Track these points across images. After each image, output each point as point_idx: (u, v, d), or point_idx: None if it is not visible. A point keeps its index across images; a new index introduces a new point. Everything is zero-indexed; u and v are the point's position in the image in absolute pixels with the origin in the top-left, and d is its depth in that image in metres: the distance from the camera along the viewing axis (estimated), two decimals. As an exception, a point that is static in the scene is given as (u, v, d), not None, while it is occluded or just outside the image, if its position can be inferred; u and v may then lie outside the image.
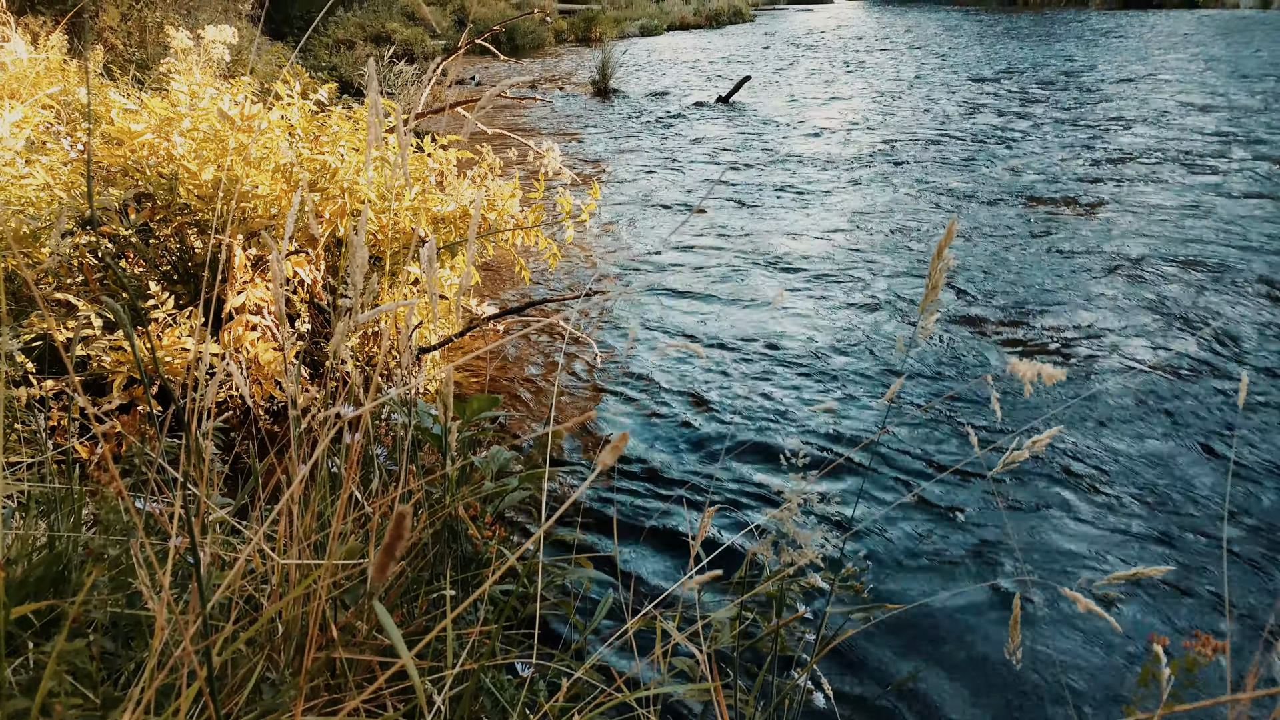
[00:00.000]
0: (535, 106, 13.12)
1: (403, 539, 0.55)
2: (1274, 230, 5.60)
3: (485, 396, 1.72)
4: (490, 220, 3.83)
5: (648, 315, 4.68)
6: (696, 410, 3.63)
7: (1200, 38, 18.69)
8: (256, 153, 3.38)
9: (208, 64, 4.36)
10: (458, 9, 27.32)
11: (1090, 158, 8.03)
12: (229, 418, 2.81)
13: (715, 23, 36.24)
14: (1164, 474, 3.05)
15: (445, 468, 1.48)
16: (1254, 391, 3.59)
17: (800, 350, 4.15)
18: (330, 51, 16.47)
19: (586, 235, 6.22)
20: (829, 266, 5.35)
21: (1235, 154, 7.85)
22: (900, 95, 12.98)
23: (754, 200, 7.14)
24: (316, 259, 3.39)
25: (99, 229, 3.15)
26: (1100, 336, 4.15)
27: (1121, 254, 5.29)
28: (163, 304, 2.86)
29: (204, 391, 1.38)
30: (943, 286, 4.65)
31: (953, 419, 3.48)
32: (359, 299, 1.33)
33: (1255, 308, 4.38)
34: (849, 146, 9.22)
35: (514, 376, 3.99)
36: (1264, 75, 12.54)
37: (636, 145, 9.91)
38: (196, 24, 8.62)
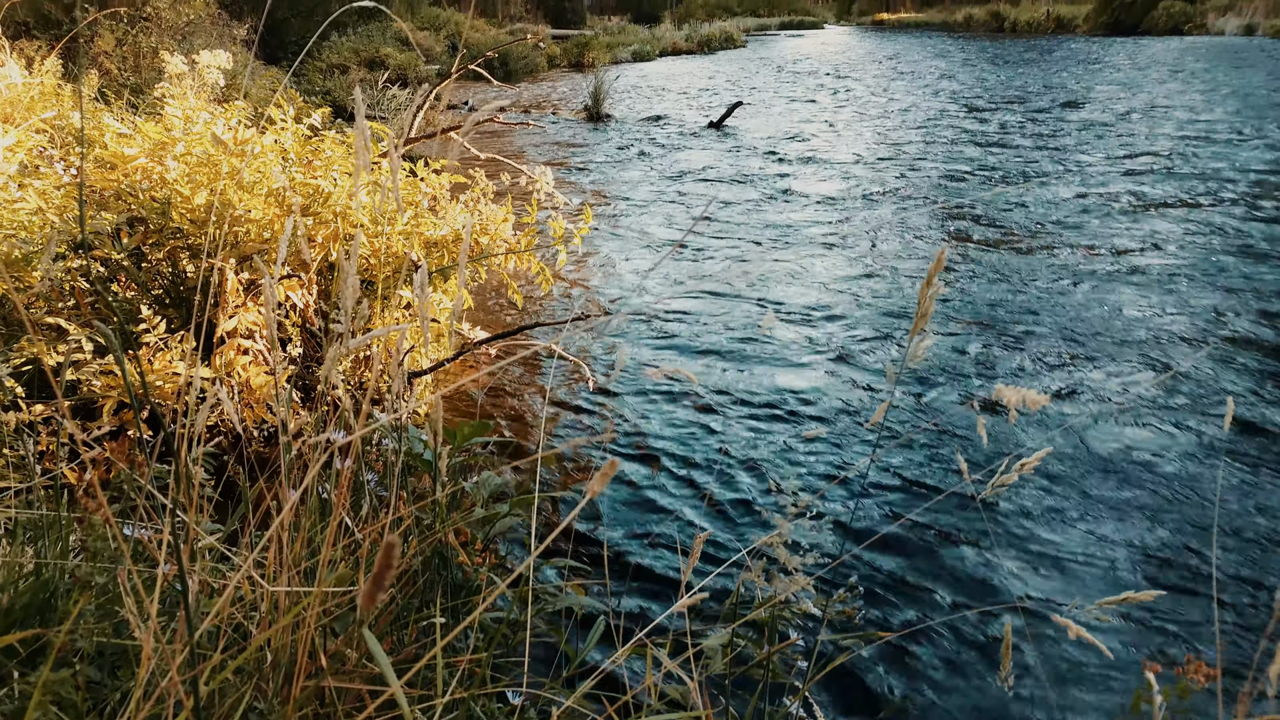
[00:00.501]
0: (528, 131, 13.19)
1: (391, 569, 0.55)
2: (1260, 257, 5.64)
3: (476, 423, 1.71)
4: (483, 244, 3.84)
5: (639, 339, 4.68)
6: (687, 432, 3.62)
7: (1188, 65, 18.91)
8: (250, 177, 3.38)
9: (202, 88, 4.37)
10: (451, 34, 27.50)
11: (1079, 185, 8.10)
12: (220, 442, 2.80)
13: (707, 48, 36.55)
14: (1152, 498, 3.05)
15: (436, 494, 1.48)
16: (1240, 417, 3.61)
17: (790, 375, 4.16)
18: (324, 76, 16.55)
19: (579, 259, 6.24)
20: (818, 292, 5.37)
21: (1224, 184, 7.93)
22: (889, 121, 13.08)
23: (744, 225, 7.17)
24: (309, 283, 3.39)
25: (91, 253, 3.15)
26: (1089, 362, 4.17)
27: (1109, 281, 5.32)
28: (154, 328, 2.86)
29: (194, 417, 1.37)
30: (933, 313, 4.67)
31: (942, 444, 3.49)
32: (350, 324, 1.33)
33: (1243, 334, 4.41)
34: (838, 171, 9.28)
35: (505, 400, 3.99)
36: (1250, 103, 12.68)
37: (629, 170, 9.96)
38: (191, 49, 8.66)
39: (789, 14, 72.06)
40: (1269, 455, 3.30)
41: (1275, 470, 3.19)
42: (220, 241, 3.18)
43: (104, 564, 1.39)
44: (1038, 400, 1.04)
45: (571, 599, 1.64)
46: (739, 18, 59.75)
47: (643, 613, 2.52)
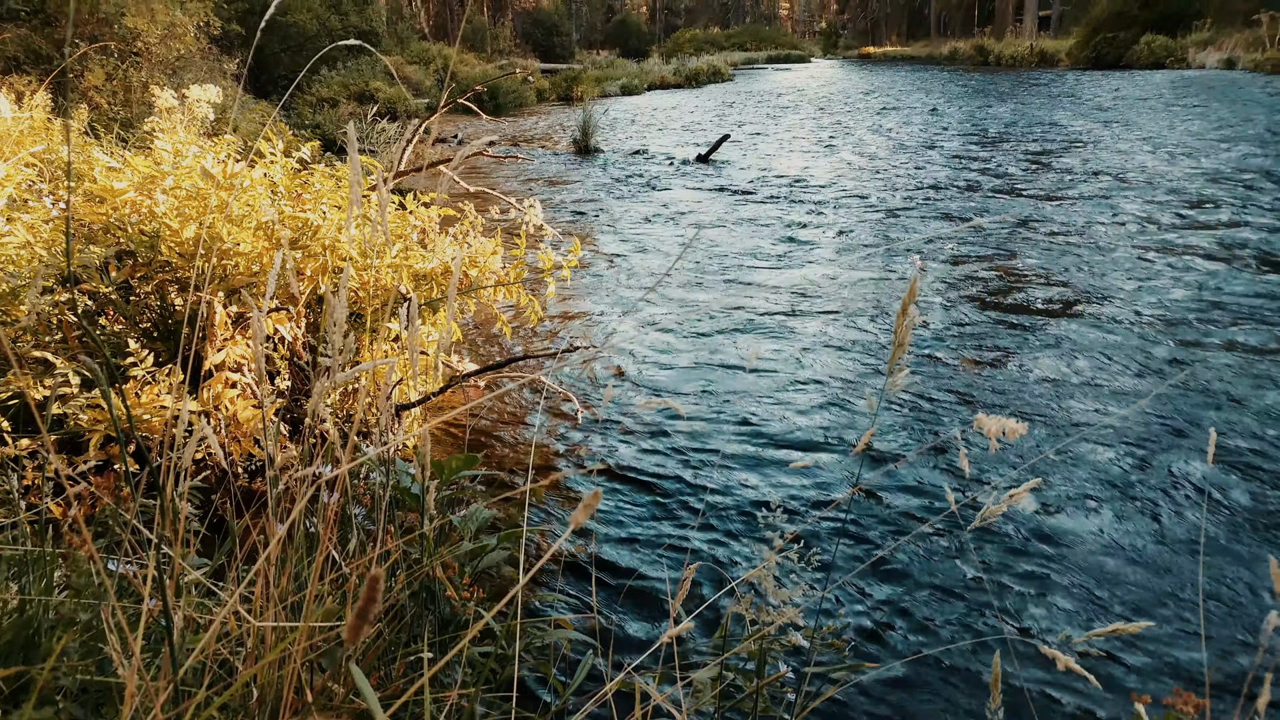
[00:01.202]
0: (517, 165, 13.27)
1: (376, 603, 0.55)
2: (1242, 286, 5.70)
3: (464, 456, 1.72)
4: (472, 277, 3.85)
5: (627, 371, 4.69)
6: (675, 465, 3.62)
7: (1170, 98, 19.19)
8: (239, 210, 3.40)
9: (192, 122, 4.40)
10: (440, 68, 27.72)
11: (1061, 214, 8.18)
12: (208, 476, 2.78)
13: (695, 82, 36.93)
14: (1138, 526, 3.06)
15: (423, 527, 1.47)
16: (1224, 446, 3.63)
17: (774, 407, 4.17)
18: (313, 109, 16.64)
19: (567, 292, 6.26)
20: (801, 323, 5.39)
21: (1207, 213, 8.02)
22: (875, 153, 13.21)
23: (731, 257, 7.21)
24: (297, 316, 3.39)
25: (79, 286, 3.15)
26: (1072, 392, 4.20)
27: (1091, 310, 5.37)
28: (142, 361, 2.85)
29: (181, 451, 1.37)
30: (911, 344, 4.67)
31: (927, 474, 3.50)
32: (338, 358, 1.34)
33: (1225, 361, 4.45)
34: (825, 203, 9.36)
35: (494, 432, 3.98)
36: (1235, 135, 12.87)
37: (617, 203, 10.02)
38: (182, 83, 8.71)
39: (776, 48, 73.03)
40: (1253, 483, 3.31)
41: (1259, 499, 3.21)
42: (209, 275, 3.19)
43: (88, 600, 1.38)
44: (1016, 429, 1.06)
45: (560, 632, 1.63)
46: (726, 52, 60.52)
47: (632, 644, 2.51)
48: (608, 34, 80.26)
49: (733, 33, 79.19)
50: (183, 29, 10.63)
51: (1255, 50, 26.89)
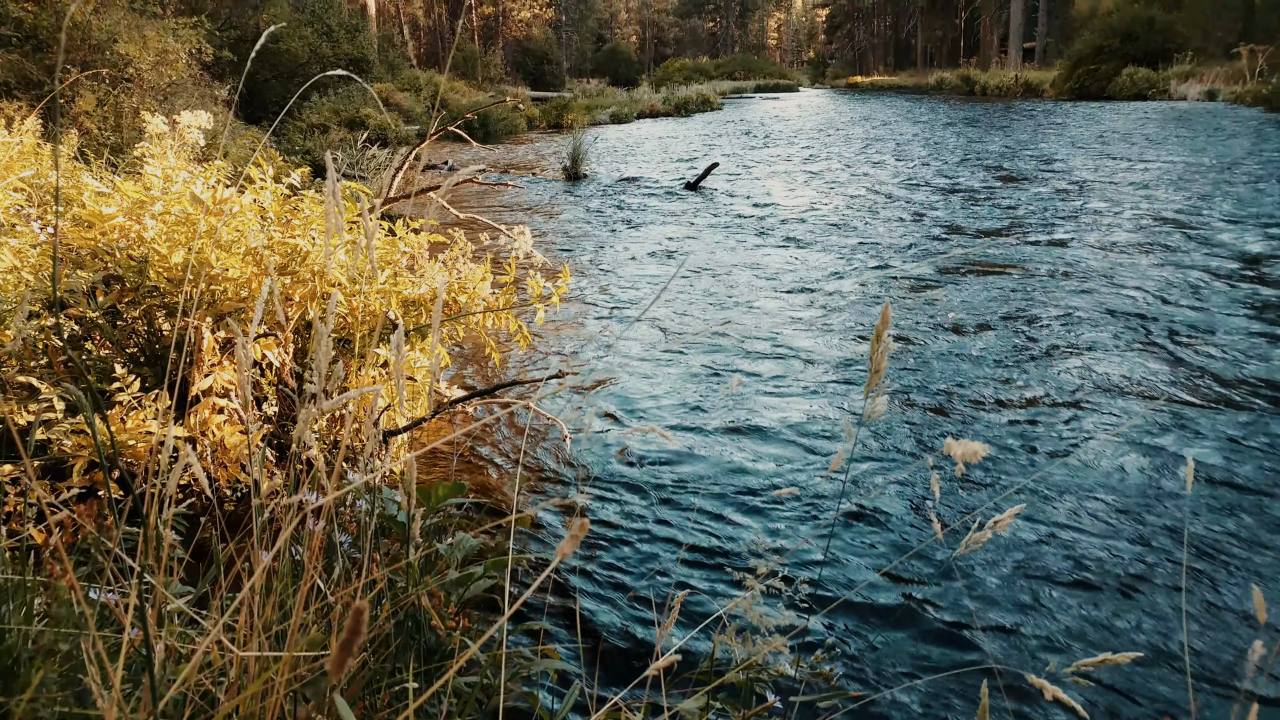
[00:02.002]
0: (507, 191, 13.32)
1: (360, 635, 0.55)
2: (1223, 312, 5.75)
3: (451, 484, 1.71)
4: (461, 303, 3.86)
5: (614, 398, 4.69)
6: (662, 492, 3.62)
7: (1152, 130, 19.43)
8: (228, 236, 3.40)
9: (182, 148, 4.40)
10: (431, 95, 27.87)
11: (1044, 241, 8.25)
12: (193, 503, 2.76)
13: (684, 111, 37.22)
14: (1122, 554, 3.06)
15: (409, 556, 1.47)
16: (1206, 467, 3.64)
17: (760, 433, 4.18)
18: (304, 136, 16.70)
19: (556, 318, 6.27)
20: (789, 350, 5.41)
21: (1188, 240, 8.10)
22: (860, 181, 13.32)
23: (719, 285, 7.24)
24: (285, 341, 3.39)
25: (65, 311, 3.14)
26: (1052, 416, 4.21)
27: (1072, 336, 5.40)
28: (128, 386, 2.84)
29: (166, 477, 1.36)
30: (891, 370, 4.68)
31: (909, 500, 3.50)
32: (324, 384, 1.33)
33: (1205, 387, 4.48)
34: (812, 230, 9.42)
35: (481, 458, 3.97)
36: (1219, 164, 13.03)
37: (606, 230, 10.06)
38: (173, 109, 8.73)
39: (764, 77, 73.80)
40: (1237, 511, 3.33)
41: (1242, 525, 3.22)
42: (197, 300, 3.18)
43: (69, 630, 1.36)
44: (979, 451, 1.07)
45: (546, 662, 1.62)
46: (715, 81, 61.14)
47: (619, 674, 2.49)
48: (598, 63, 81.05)
49: (721, 62, 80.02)
50: (174, 56, 10.67)
51: (1236, 83, 27.29)
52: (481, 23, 59.33)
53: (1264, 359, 4.89)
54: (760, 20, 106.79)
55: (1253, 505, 3.37)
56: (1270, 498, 3.42)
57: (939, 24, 75.95)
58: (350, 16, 29.09)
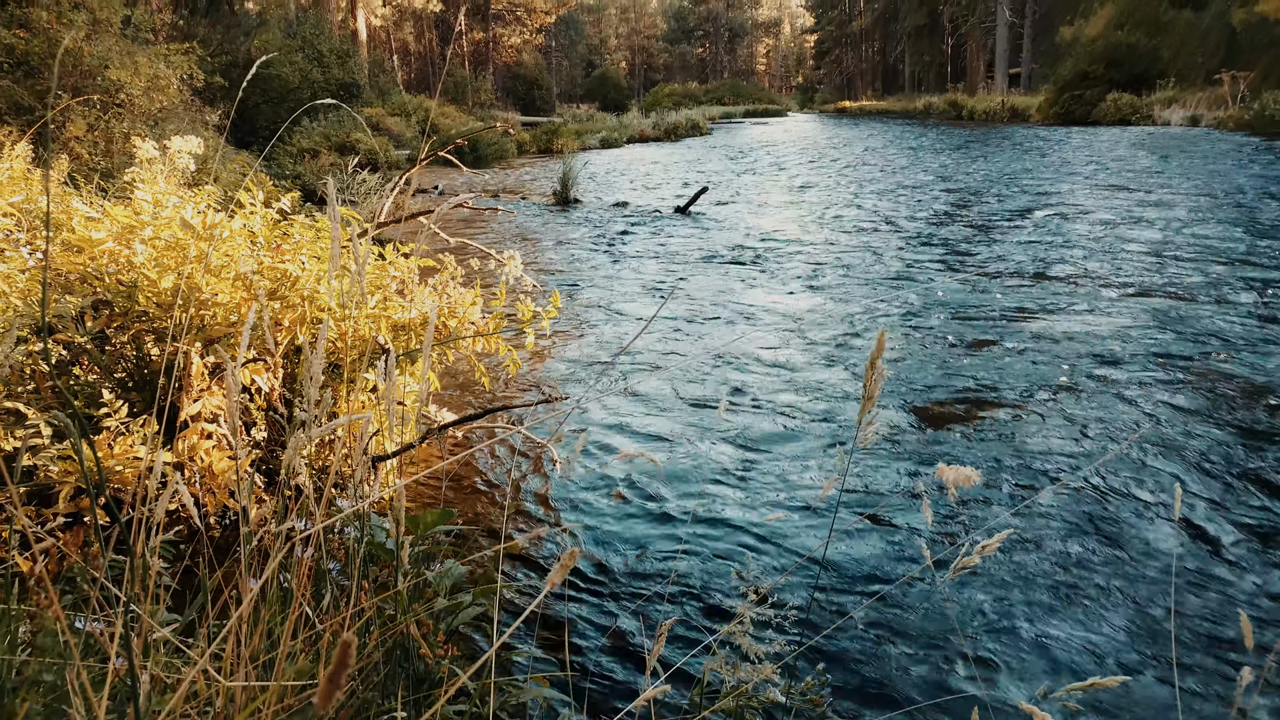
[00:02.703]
0: (497, 216, 13.36)
1: (348, 667, 0.55)
2: (1205, 339, 5.79)
3: (439, 511, 1.71)
4: (451, 327, 3.86)
5: (604, 423, 4.69)
6: (650, 519, 3.61)
7: (1139, 154, 19.63)
8: (217, 261, 3.39)
9: (173, 173, 4.41)
10: (422, 120, 27.98)
11: (1031, 269, 8.31)
12: (181, 530, 2.75)
13: (674, 135, 37.45)
14: (1110, 579, 3.07)
15: (398, 583, 1.46)
16: (1191, 493, 3.66)
17: (750, 459, 4.18)
18: (294, 160, 16.73)
19: (546, 343, 6.27)
20: (779, 373, 5.42)
21: (1172, 268, 8.17)
22: (851, 206, 13.40)
23: (709, 308, 7.26)
24: (274, 366, 3.38)
25: (53, 336, 3.13)
26: (1042, 444, 4.23)
27: (1058, 364, 5.43)
28: (116, 412, 2.82)
29: (153, 504, 1.36)
30: (883, 396, 4.69)
31: (900, 526, 3.50)
32: (314, 410, 1.33)
33: (1188, 415, 4.50)
34: (802, 253, 9.46)
35: (470, 483, 3.96)
36: (1203, 191, 13.16)
37: (597, 254, 10.09)
38: (164, 134, 8.74)
39: (753, 102, 74.39)
40: (1223, 535, 3.34)
41: (1229, 551, 3.23)
42: (186, 325, 3.18)
43: (53, 659, 1.35)
44: (971, 477, 1.08)
45: (535, 690, 1.61)
46: (704, 106, 61.54)
47: (608, 702, 2.47)
48: (588, 88, 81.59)
49: (711, 87, 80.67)
50: (166, 81, 10.70)
51: (1218, 108, 27.64)
52: (472, 49, 59.71)
53: (1255, 384, 4.92)
54: (749, 46, 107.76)
55: (1240, 529, 3.39)
56: (1258, 521, 3.44)
57: (926, 50, 76.78)
58: (341, 42, 29.26)
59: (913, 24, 74.08)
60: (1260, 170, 15.30)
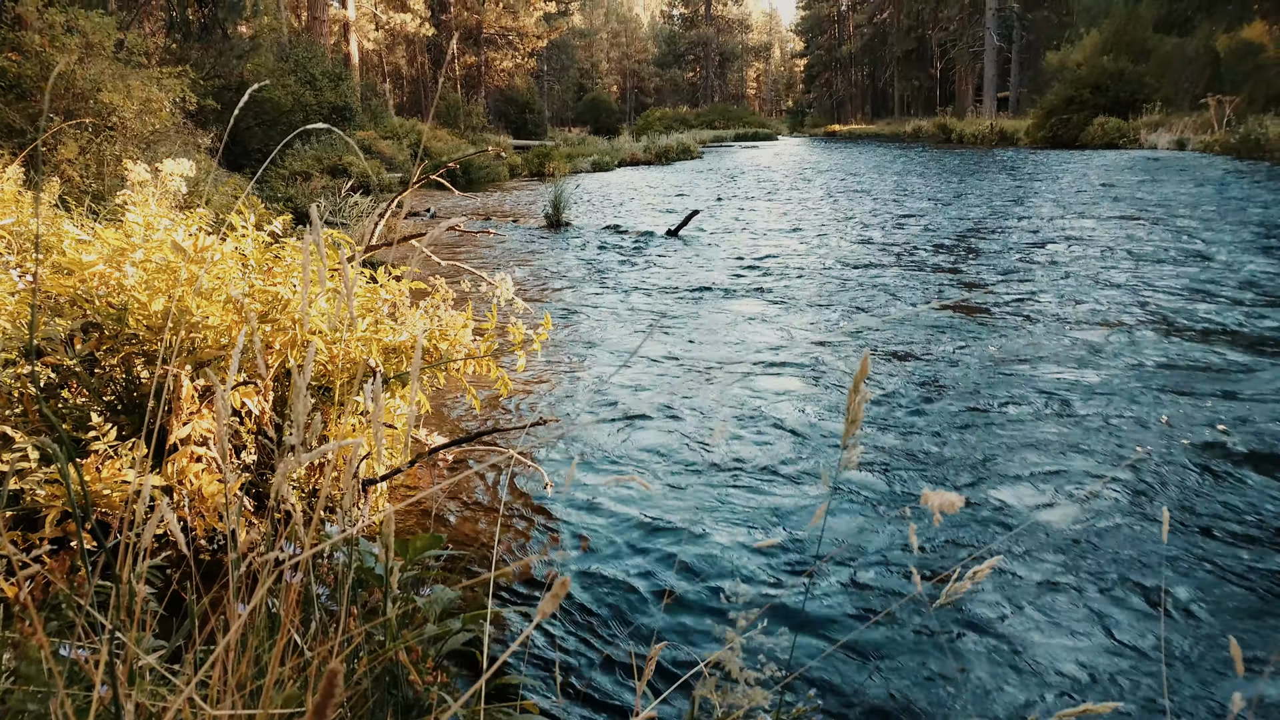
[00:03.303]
0: (490, 239, 13.38)
1: (334, 698, 0.54)
2: (1188, 364, 5.83)
3: (429, 536, 1.70)
4: (442, 350, 3.86)
5: (595, 446, 4.68)
6: (642, 540, 3.60)
7: (1127, 178, 19.79)
8: (209, 284, 3.39)
9: (164, 195, 4.41)
10: (414, 143, 28.06)
11: (1018, 291, 8.36)
12: (169, 555, 2.72)
13: (665, 159, 37.62)
14: (1101, 604, 3.07)
15: (387, 610, 1.45)
16: (1178, 522, 3.66)
17: (741, 483, 4.17)
18: (286, 183, 16.76)
19: (537, 365, 6.27)
20: (770, 398, 5.43)
21: (1156, 293, 8.23)
22: (840, 227, 13.47)
23: (700, 331, 7.28)
24: (265, 389, 3.37)
25: (42, 359, 3.11)
26: (1029, 468, 4.24)
27: (1044, 388, 5.45)
28: (104, 435, 2.81)
29: (141, 529, 1.35)
30: (869, 420, 4.69)
31: (889, 550, 3.49)
32: (303, 434, 1.33)
33: (1175, 439, 4.52)
34: (792, 276, 9.50)
35: (460, 507, 3.94)
36: (1188, 215, 13.27)
37: (588, 277, 10.11)
38: (156, 157, 8.75)
39: (744, 126, 74.81)
40: (1213, 556, 3.34)
41: (1219, 574, 3.23)
42: (176, 348, 3.17)
43: (38, 687, 1.34)
44: (955, 502, 1.08)
45: (526, 717, 1.60)
46: (695, 130, 61.95)
47: (600, 728, 2.46)
48: (579, 112, 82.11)
49: (702, 111, 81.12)
50: (158, 105, 10.72)
51: (1204, 132, 27.93)
52: (464, 72, 60.06)
53: (1244, 413, 4.95)
54: (740, 70, 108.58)
55: (1229, 555, 3.39)
56: (1245, 548, 3.45)
57: (915, 74, 77.59)
58: (334, 66, 29.38)
59: (901, 49, 74.91)
60: (1266, 195, 15.44)
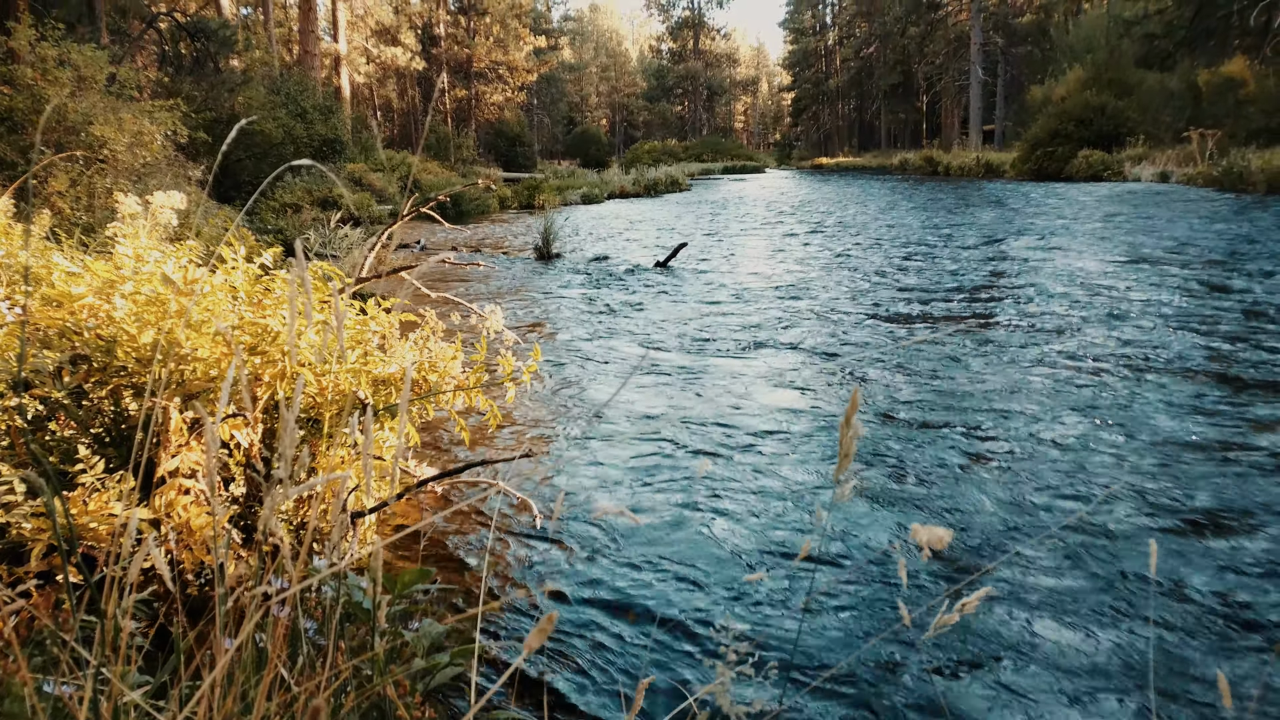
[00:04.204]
0: (479, 271, 13.42)
1: (326, 732, 0.54)
2: (1171, 395, 5.87)
3: (417, 570, 1.70)
4: (432, 381, 3.86)
5: (584, 478, 4.67)
6: (630, 574, 3.59)
7: (1121, 210, 20.00)
8: (198, 316, 3.39)
9: (155, 228, 4.42)
10: (404, 176, 28.19)
11: (1005, 322, 8.41)
12: (155, 589, 2.70)
13: (653, 192, 37.86)
14: (1088, 636, 3.07)
15: (375, 644, 1.45)
16: (1166, 554, 3.68)
17: (728, 517, 4.17)
18: (277, 215, 16.79)
19: (526, 397, 6.27)
20: (758, 433, 5.43)
21: (1141, 324, 8.30)
22: (826, 259, 13.56)
23: (688, 362, 7.29)
24: (254, 422, 3.36)
25: (30, 391, 3.10)
26: (1015, 502, 4.25)
27: (1030, 419, 5.48)
28: (92, 467, 2.79)
29: (128, 562, 1.34)
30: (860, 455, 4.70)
31: (879, 583, 3.49)
32: (291, 468, 1.33)
33: (1160, 472, 4.54)
34: (780, 307, 9.54)
35: (449, 540, 3.92)
36: (1174, 247, 13.40)
37: (577, 308, 10.14)
38: (146, 189, 8.77)
39: (732, 159, 75.44)
40: (1200, 589, 3.35)
41: (1206, 607, 3.24)
42: (166, 380, 3.16)
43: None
44: (943, 537, 1.09)
45: (514, 751, 1.59)
46: (684, 163, 62.43)
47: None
48: (569, 144, 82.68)
49: (690, 144, 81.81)
50: (150, 137, 10.76)
51: (1187, 165, 28.30)
52: (455, 105, 60.47)
53: (1227, 456, 4.98)
54: (728, 104, 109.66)
55: (1217, 584, 3.40)
56: (1232, 582, 3.46)
57: (902, 108, 78.52)
58: (325, 99, 29.57)
59: (888, 83, 75.82)
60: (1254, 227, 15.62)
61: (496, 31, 59.99)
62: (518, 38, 61.00)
